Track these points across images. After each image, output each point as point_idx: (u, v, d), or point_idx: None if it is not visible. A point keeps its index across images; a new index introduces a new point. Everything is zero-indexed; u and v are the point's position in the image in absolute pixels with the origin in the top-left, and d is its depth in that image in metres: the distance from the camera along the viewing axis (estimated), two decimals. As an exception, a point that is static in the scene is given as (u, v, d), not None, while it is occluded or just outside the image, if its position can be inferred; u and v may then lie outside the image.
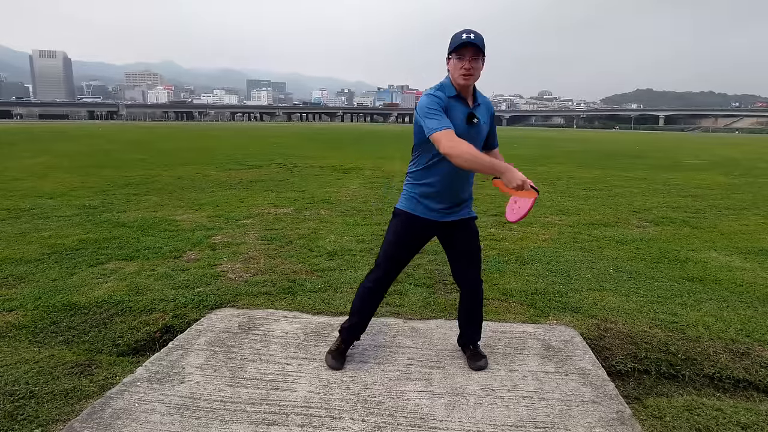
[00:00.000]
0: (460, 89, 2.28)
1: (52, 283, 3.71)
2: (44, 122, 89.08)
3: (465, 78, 2.21)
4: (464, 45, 2.18)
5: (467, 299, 2.59)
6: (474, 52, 2.19)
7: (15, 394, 2.27)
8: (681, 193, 9.03)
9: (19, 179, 9.49)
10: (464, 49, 2.19)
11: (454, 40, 2.20)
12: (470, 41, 2.17)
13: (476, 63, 2.21)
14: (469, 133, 2.26)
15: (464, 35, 2.18)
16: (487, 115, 2.41)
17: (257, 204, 7.18)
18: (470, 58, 2.19)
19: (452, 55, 2.22)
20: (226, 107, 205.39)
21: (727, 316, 3.31)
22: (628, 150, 24.58)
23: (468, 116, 2.27)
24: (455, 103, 2.27)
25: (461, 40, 2.17)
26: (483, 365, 2.55)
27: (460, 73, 2.21)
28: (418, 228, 2.42)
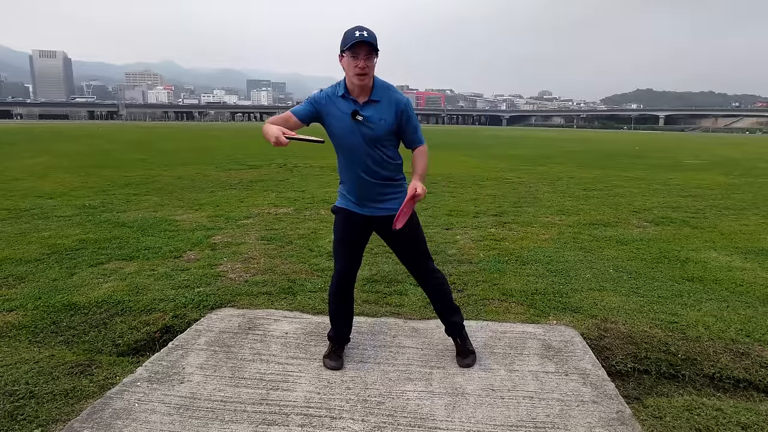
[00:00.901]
0: (353, 88, 2.27)
1: (52, 283, 3.71)
2: (44, 122, 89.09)
3: (360, 78, 2.20)
4: (358, 43, 2.15)
5: (427, 290, 2.61)
6: (368, 51, 2.17)
7: (15, 394, 2.27)
8: (681, 193, 9.02)
9: (19, 179, 9.49)
10: (358, 48, 2.16)
11: (347, 38, 2.16)
12: (364, 39, 2.14)
13: (370, 61, 2.19)
14: (357, 130, 2.27)
15: (357, 32, 2.15)
16: (390, 112, 2.30)
17: (257, 204, 7.18)
18: (364, 57, 2.17)
19: (345, 53, 2.18)
20: (226, 107, 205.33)
21: (727, 316, 3.31)
22: (628, 150, 24.59)
23: (353, 113, 2.26)
24: (341, 101, 2.29)
25: (355, 38, 2.14)
26: (470, 363, 2.55)
27: (355, 72, 2.19)
28: (351, 221, 2.45)
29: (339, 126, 2.29)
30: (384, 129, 2.29)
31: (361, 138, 2.28)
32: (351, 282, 2.57)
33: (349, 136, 2.29)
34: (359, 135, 2.28)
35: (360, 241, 2.52)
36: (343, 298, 2.57)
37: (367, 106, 2.28)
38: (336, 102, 2.30)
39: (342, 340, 2.64)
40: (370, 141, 2.29)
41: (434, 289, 2.58)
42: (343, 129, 2.28)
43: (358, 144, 2.29)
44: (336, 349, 2.60)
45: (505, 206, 7.31)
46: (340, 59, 2.23)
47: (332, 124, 2.31)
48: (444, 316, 2.64)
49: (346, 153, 2.34)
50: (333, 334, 2.63)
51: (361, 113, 2.26)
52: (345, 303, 2.59)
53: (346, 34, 2.19)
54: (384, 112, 2.29)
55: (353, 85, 2.25)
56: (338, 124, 2.29)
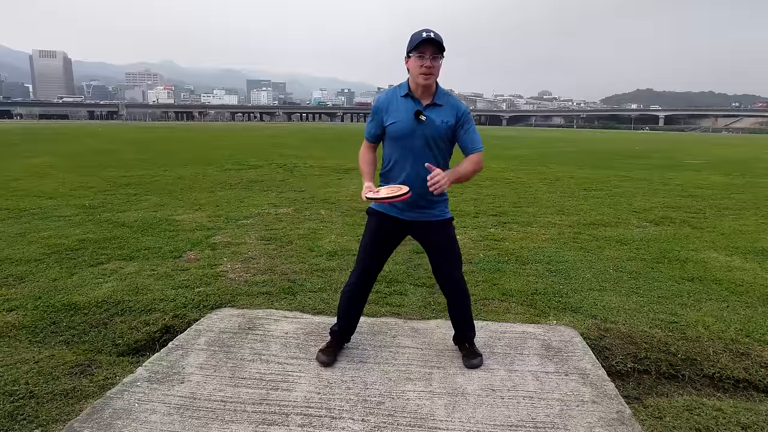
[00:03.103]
0: (417, 89, 2.28)
1: (52, 283, 3.71)
2: (44, 122, 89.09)
3: (425, 77, 2.21)
4: (424, 42, 2.16)
5: (449, 298, 2.60)
6: (434, 51, 2.18)
7: (15, 394, 2.27)
8: (681, 193, 9.03)
9: (19, 179, 9.49)
10: (424, 47, 2.17)
11: (414, 38, 2.19)
12: (431, 38, 2.15)
13: (436, 62, 2.20)
14: (417, 130, 2.27)
15: (424, 33, 2.17)
16: (452, 116, 2.31)
17: (257, 204, 7.18)
18: (430, 57, 2.18)
19: (412, 53, 2.20)
20: (226, 107, 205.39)
21: (727, 316, 3.31)
22: (628, 150, 24.59)
23: (416, 113, 2.27)
24: (404, 100, 2.30)
25: (422, 38, 2.16)
26: (477, 363, 2.55)
27: (420, 71, 2.20)
28: (387, 226, 2.46)
29: (400, 126, 2.28)
30: (444, 131, 2.31)
31: (422, 138, 2.28)
32: (371, 283, 2.59)
33: (409, 136, 2.28)
34: (420, 135, 2.28)
35: (392, 246, 2.54)
36: (359, 297, 2.58)
37: (429, 108, 2.29)
38: (398, 102, 2.30)
39: (343, 338, 2.65)
40: (431, 141, 2.30)
41: (457, 300, 2.58)
42: (404, 128, 2.28)
43: (417, 145, 2.29)
44: (333, 346, 2.61)
45: (505, 206, 7.31)
46: (406, 61, 2.25)
47: (392, 124, 2.30)
48: (459, 327, 2.64)
49: (402, 153, 2.32)
50: (337, 330, 2.62)
51: (425, 113, 2.27)
52: (359, 303, 2.60)
53: (413, 35, 2.21)
54: (446, 116, 2.30)
55: (417, 86, 2.26)
56: (399, 123, 2.28)
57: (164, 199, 7.54)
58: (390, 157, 2.39)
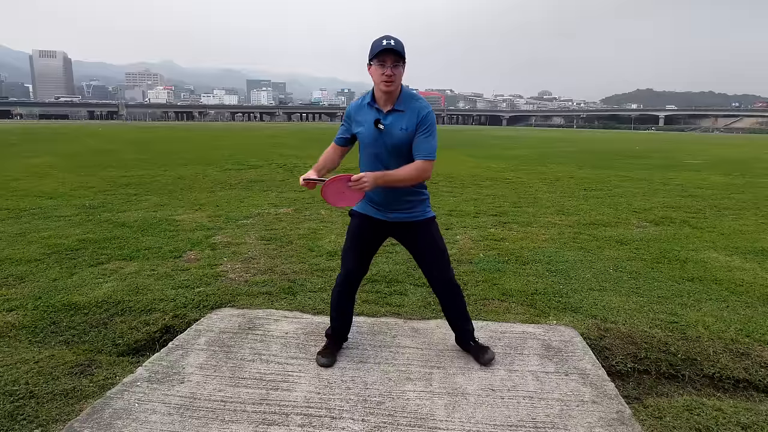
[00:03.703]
0: (380, 96, 2.31)
1: (52, 283, 3.71)
2: (44, 122, 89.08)
3: (387, 84, 2.23)
4: (385, 51, 2.18)
5: (443, 299, 2.61)
6: (395, 59, 2.20)
7: (15, 394, 2.27)
8: (681, 193, 9.03)
9: (19, 179, 9.49)
10: (385, 56, 2.19)
11: (375, 47, 2.21)
12: (390, 47, 2.18)
13: (397, 69, 2.22)
14: (378, 139, 2.32)
15: (384, 41, 2.19)
16: (412, 121, 2.28)
17: (257, 204, 7.18)
18: (391, 65, 2.20)
19: (373, 61, 2.22)
20: (227, 107, 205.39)
21: (727, 316, 3.31)
22: (628, 150, 24.59)
23: (375, 122, 2.32)
24: (368, 109, 2.34)
25: (382, 47, 2.18)
26: (491, 357, 2.56)
27: (382, 79, 2.22)
28: (367, 227, 2.51)
29: (364, 134, 2.34)
30: (404, 138, 2.32)
31: (383, 146, 2.32)
32: (356, 285, 2.62)
33: (373, 144, 2.34)
34: (381, 143, 2.32)
35: (373, 246, 2.59)
36: (346, 299, 2.61)
37: (390, 114, 2.31)
38: (363, 110, 2.36)
39: (339, 339, 2.68)
40: (392, 149, 2.32)
41: (450, 298, 2.59)
42: (368, 137, 2.33)
43: (381, 152, 2.34)
44: (331, 347, 2.63)
45: (505, 206, 7.31)
46: (368, 69, 2.27)
47: (359, 132, 2.37)
48: (456, 325, 2.65)
49: (371, 160, 2.37)
50: (331, 332, 2.67)
51: (383, 122, 2.30)
52: (347, 304, 2.63)
53: (374, 43, 2.23)
54: (406, 122, 2.31)
55: (380, 94, 2.29)
56: (363, 132, 2.34)
57: (164, 199, 7.54)
58: (360, 163, 2.44)
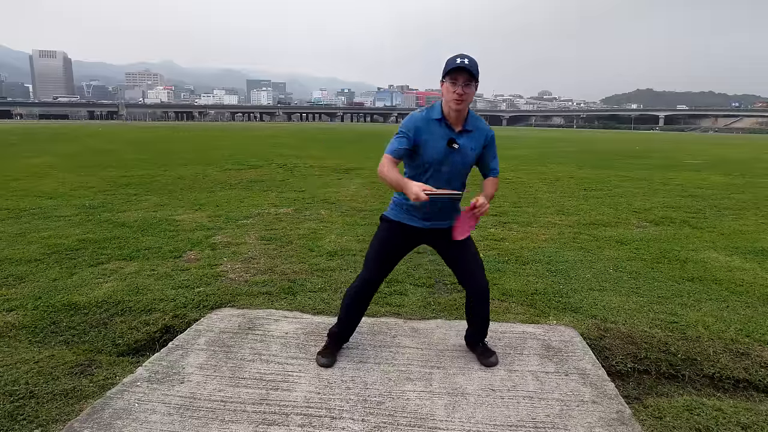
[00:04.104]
0: (449, 113, 2.29)
1: (52, 283, 3.71)
2: (44, 122, 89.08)
3: (457, 103, 2.23)
4: (457, 69, 2.18)
5: (475, 304, 2.58)
6: (467, 78, 2.20)
7: (15, 394, 2.27)
8: (681, 193, 9.03)
9: (19, 179, 9.49)
10: (457, 74, 2.19)
11: (448, 65, 2.21)
12: (464, 66, 2.17)
13: (469, 89, 2.22)
14: (449, 157, 2.31)
15: (458, 60, 2.19)
16: (480, 141, 2.37)
17: (257, 204, 7.18)
18: (463, 84, 2.20)
19: (445, 79, 2.22)
20: (227, 107, 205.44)
21: (727, 316, 3.31)
22: (628, 150, 24.59)
23: (449, 141, 2.30)
24: (437, 126, 2.31)
25: (455, 65, 2.18)
26: (495, 361, 2.57)
27: (453, 98, 2.22)
28: (399, 235, 2.48)
29: (434, 151, 2.30)
30: (473, 158, 2.37)
31: (452, 165, 2.33)
32: (375, 291, 2.61)
33: (442, 162, 2.32)
34: (453, 162, 2.32)
35: (402, 254, 2.58)
36: (362, 304, 2.60)
37: (462, 135, 2.32)
38: (431, 126, 2.32)
39: (342, 340, 2.67)
40: (462, 168, 2.35)
41: (483, 304, 2.58)
42: (438, 154, 2.30)
43: (449, 170, 2.34)
44: (331, 347, 2.62)
45: (505, 206, 7.31)
46: (441, 84, 2.27)
47: (427, 148, 2.31)
48: (477, 326, 2.64)
49: (434, 176, 2.34)
50: (336, 332, 2.63)
51: (457, 141, 2.30)
52: (362, 308, 2.62)
53: (448, 61, 2.23)
54: (474, 142, 2.35)
55: (450, 111, 2.28)
56: (433, 148, 2.30)
57: (164, 199, 7.54)
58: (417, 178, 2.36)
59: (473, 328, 2.66)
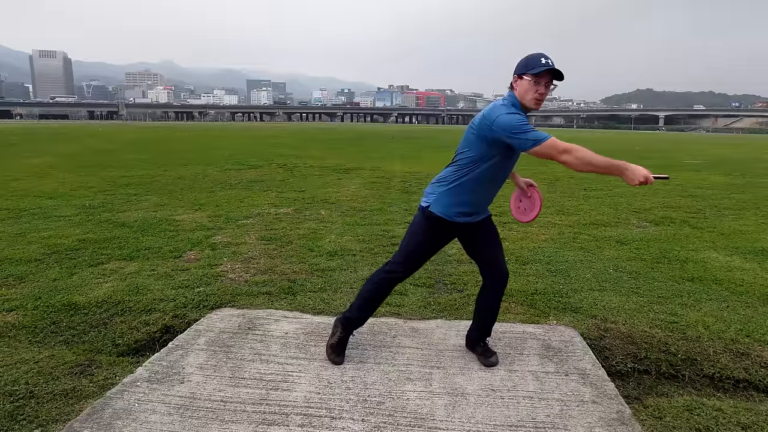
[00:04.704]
0: (526, 110, 2.28)
1: (52, 283, 3.71)
2: (44, 122, 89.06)
3: (537, 103, 2.23)
4: (546, 71, 2.17)
5: (492, 294, 2.58)
6: (550, 80, 2.21)
7: (15, 394, 2.27)
8: (681, 193, 9.03)
9: (19, 179, 9.49)
10: (544, 75, 2.18)
11: (535, 63, 2.17)
12: (552, 68, 2.16)
13: (548, 90, 2.23)
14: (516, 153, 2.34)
15: (543, 60, 2.17)
16: None
17: (257, 204, 7.18)
18: (546, 84, 2.20)
19: (528, 75, 2.19)
20: (226, 107, 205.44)
21: (727, 316, 3.31)
22: (628, 150, 24.59)
23: None
24: None
25: (542, 66, 2.15)
26: (495, 361, 2.58)
27: (534, 97, 2.21)
28: (448, 233, 2.48)
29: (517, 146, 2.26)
30: None
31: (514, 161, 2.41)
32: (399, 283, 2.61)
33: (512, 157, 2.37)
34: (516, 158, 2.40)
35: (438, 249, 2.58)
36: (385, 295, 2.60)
37: None
38: None
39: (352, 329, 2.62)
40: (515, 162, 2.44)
41: (498, 295, 2.58)
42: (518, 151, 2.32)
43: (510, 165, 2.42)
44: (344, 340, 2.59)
45: (505, 206, 7.28)
46: (516, 79, 2.23)
47: None
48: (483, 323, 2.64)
49: (501, 169, 2.36)
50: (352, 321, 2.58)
51: None
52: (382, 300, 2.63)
53: (533, 58, 2.19)
54: None
55: (526, 109, 2.27)
56: None
57: (164, 199, 7.54)
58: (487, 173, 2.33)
59: (479, 323, 2.65)
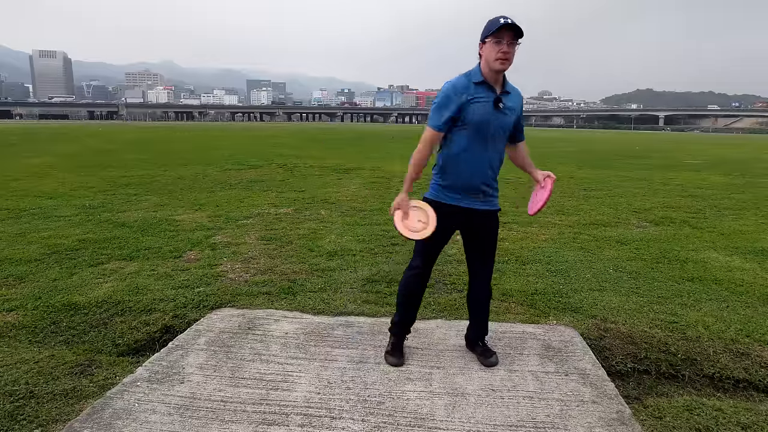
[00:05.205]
0: (490, 75, 2.25)
1: (52, 283, 3.71)
2: (44, 122, 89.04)
3: (502, 62, 2.19)
4: (503, 28, 2.14)
5: (477, 292, 2.59)
6: (512, 37, 2.17)
7: (15, 394, 2.27)
8: (681, 193, 9.03)
9: (19, 179, 9.49)
10: (503, 33, 2.16)
11: (492, 24, 2.17)
12: (509, 23, 2.14)
13: (512, 47, 2.19)
14: (496, 120, 2.27)
15: (502, 19, 2.15)
16: (518, 103, 2.36)
17: (257, 204, 7.18)
18: (508, 42, 2.17)
19: (489, 38, 2.18)
20: (226, 107, 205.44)
21: (727, 316, 3.31)
22: (628, 150, 24.59)
23: (495, 101, 2.25)
24: (481, 89, 2.26)
25: (500, 24, 2.14)
26: (495, 361, 2.57)
27: (497, 56, 2.17)
28: (445, 217, 2.40)
29: (480, 113, 2.25)
30: (514, 120, 2.34)
31: (497, 127, 2.29)
32: (426, 279, 2.57)
33: (488, 125, 2.27)
34: (496, 123, 2.28)
35: (448, 235, 2.48)
36: (421, 291, 2.58)
37: (504, 95, 2.30)
38: (473, 89, 2.26)
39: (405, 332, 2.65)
40: (504, 130, 2.32)
41: (484, 293, 2.59)
42: (484, 116, 2.25)
43: (494, 132, 2.30)
44: (398, 343, 2.62)
45: (505, 206, 7.30)
46: (480, 47, 2.24)
47: (473, 111, 2.25)
48: (478, 320, 2.65)
49: (476, 140, 2.29)
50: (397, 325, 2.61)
51: (503, 102, 2.28)
52: (417, 299, 2.60)
53: (491, 21, 2.20)
54: (513, 103, 2.33)
55: (490, 73, 2.24)
56: (480, 110, 2.25)
57: (164, 199, 7.54)
58: (458, 145, 2.31)
59: (472, 323, 2.67)
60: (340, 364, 2.55)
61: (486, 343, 2.67)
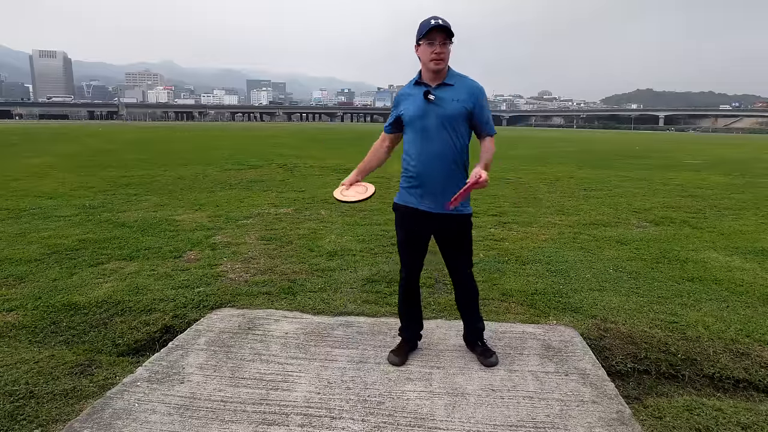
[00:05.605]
0: (428, 76, 2.33)
1: (52, 283, 3.72)
2: (44, 122, 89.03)
3: (436, 63, 2.26)
4: (434, 29, 2.21)
5: (459, 294, 2.63)
6: (444, 37, 2.23)
7: (15, 394, 2.27)
8: (681, 193, 9.02)
9: (19, 179, 9.49)
10: (434, 34, 2.22)
11: (423, 26, 2.25)
12: (440, 25, 2.21)
13: (446, 47, 2.25)
14: (428, 111, 2.31)
15: (432, 21, 2.22)
16: (464, 93, 2.31)
17: (257, 204, 7.19)
18: (440, 43, 2.23)
19: (422, 41, 2.25)
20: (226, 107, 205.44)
21: (727, 316, 3.31)
22: (628, 150, 24.59)
23: (424, 93, 2.31)
24: (415, 88, 2.37)
25: (430, 25, 2.22)
26: (494, 361, 2.57)
27: (431, 57, 2.25)
28: (410, 217, 2.44)
29: (412, 108, 2.34)
30: (457, 109, 2.31)
31: (433, 118, 2.30)
32: (417, 283, 2.61)
33: (421, 118, 2.32)
34: (432, 115, 2.31)
35: (424, 239, 2.50)
36: (412, 300, 2.63)
37: (440, 88, 2.32)
38: (411, 90, 2.38)
39: (413, 337, 2.69)
40: (445, 121, 2.30)
41: (467, 294, 2.61)
42: (416, 110, 2.33)
43: (430, 124, 2.31)
44: (403, 346, 2.64)
45: (505, 206, 7.31)
46: (416, 50, 2.31)
47: (406, 109, 2.37)
48: (469, 322, 2.67)
49: (418, 135, 2.34)
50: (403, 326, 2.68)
51: (433, 93, 2.30)
52: (414, 304, 2.64)
53: (422, 23, 2.26)
54: (458, 94, 2.32)
55: (428, 72, 2.32)
56: (411, 106, 2.34)
57: (164, 199, 7.54)
58: (407, 143, 2.42)
59: (467, 323, 2.68)
60: (340, 364, 2.55)
61: (486, 343, 2.67)
